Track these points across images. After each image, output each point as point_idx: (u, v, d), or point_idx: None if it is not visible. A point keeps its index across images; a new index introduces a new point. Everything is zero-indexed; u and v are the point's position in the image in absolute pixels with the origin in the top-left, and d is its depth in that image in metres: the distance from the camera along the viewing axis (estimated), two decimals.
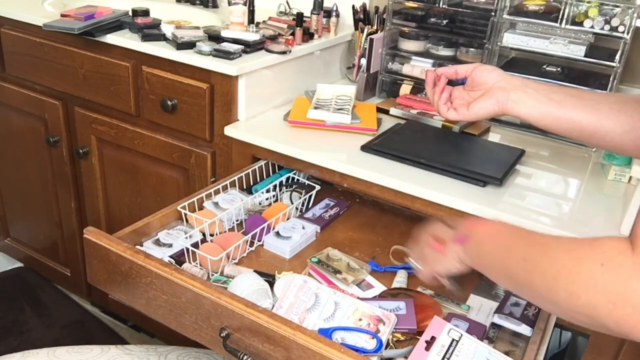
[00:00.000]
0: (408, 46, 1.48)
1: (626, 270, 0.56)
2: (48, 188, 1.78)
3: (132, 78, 1.40)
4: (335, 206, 1.24)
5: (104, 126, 1.53)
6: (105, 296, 1.74)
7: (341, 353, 0.69)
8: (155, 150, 1.45)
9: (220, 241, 1.03)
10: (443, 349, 0.77)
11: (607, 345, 0.99)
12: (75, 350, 1.07)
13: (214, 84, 1.28)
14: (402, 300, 0.92)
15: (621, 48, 1.22)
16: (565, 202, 1.05)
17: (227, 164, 1.33)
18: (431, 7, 1.41)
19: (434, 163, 1.10)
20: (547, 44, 1.29)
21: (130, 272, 0.85)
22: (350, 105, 1.31)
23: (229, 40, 1.31)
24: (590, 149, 1.27)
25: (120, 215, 1.64)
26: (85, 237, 0.89)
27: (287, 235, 1.08)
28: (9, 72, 1.68)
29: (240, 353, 0.76)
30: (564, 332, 1.39)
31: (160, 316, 0.86)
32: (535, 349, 0.83)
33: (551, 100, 0.91)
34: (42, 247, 1.95)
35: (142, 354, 1.07)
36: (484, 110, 0.96)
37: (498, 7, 1.32)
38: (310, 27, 1.46)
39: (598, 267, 0.58)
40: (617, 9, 1.20)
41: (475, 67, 0.99)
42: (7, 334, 1.84)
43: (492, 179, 1.06)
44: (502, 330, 0.89)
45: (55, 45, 1.51)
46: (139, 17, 1.41)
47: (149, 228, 1.02)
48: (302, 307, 0.84)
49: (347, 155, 1.16)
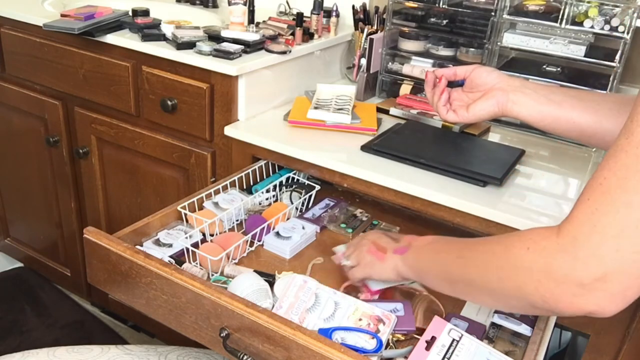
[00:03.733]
0: (408, 46, 1.48)
1: (549, 250, 0.60)
2: (48, 188, 1.78)
3: (132, 78, 1.40)
4: (335, 206, 1.24)
5: (104, 126, 1.53)
6: (105, 296, 1.74)
7: (341, 353, 0.69)
8: (155, 150, 1.45)
9: (220, 241, 1.03)
10: (443, 348, 0.77)
11: (607, 346, 0.99)
12: (75, 350, 1.06)
13: (214, 84, 1.28)
14: (399, 301, 0.92)
15: (621, 48, 1.22)
16: (565, 202, 1.05)
17: (227, 164, 1.33)
18: (431, 7, 1.41)
19: (434, 163, 1.10)
20: (547, 44, 1.29)
21: (130, 272, 0.85)
22: (350, 105, 1.31)
23: (229, 40, 1.31)
24: (590, 149, 1.27)
25: (120, 215, 1.64)
26: (85, 237, 0.89)
27: (287, 235, 1.08)
28: (9, 72, 1.68)
29: (240, 353, 0.76)
30: (564, 332, 1.39)
31: (160, 316, 0.86)
32: (535, 349, 0.83)
33: (551, 101, 0.91)
34: (42, 247, 1.95)
35: (142, 354, 1.07)
36: (483, 112, 0.96)
37: (498, 7, 1.32)
38: (310, 27, 1.46)
39: (524, 251, 0.63)
40: (617, 9, 1.20)
41: (474, 68, 0.99)
42: (7, 334, 1.84)
43: (492, 179, 1.06)
44: (502, 330, 0.89)
45: (55, 45, 1.51)
46: (139, 17, 1.41)
47: (149, 228, 1.02)
48: (302, 307, 0.84)
49: (347, 155, 1.16)
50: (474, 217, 1.01)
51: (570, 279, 0.58)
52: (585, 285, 0.57)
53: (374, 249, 0.91)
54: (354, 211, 1.24)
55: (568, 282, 0.58)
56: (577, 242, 0.58)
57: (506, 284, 0.65)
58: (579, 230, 0.58)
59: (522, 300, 0.64)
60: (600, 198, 0.57)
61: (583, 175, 1.17)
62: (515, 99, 0.93)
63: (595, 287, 0.57)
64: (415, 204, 1.07)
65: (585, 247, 0.57)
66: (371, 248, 0.91)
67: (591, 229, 0.57)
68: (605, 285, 0.56)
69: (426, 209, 1.06)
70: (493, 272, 0.67)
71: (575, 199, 1.08)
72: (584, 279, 0.57)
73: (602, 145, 0.91)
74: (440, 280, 0.79)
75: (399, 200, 1.09)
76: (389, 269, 0.88)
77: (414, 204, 1.08)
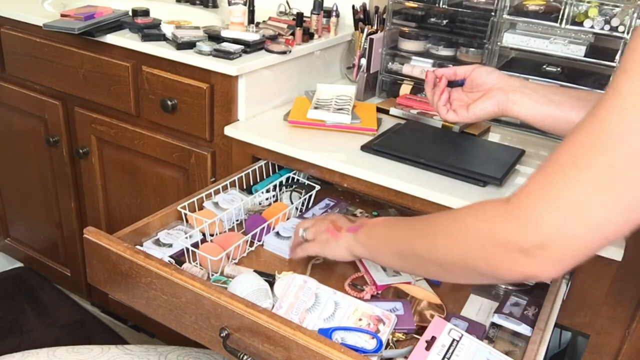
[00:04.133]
0: (408, 46, 1.48)
1: (496, 217, 0.62)
2: (48, 188, 1.78)
3: (132, 78, 1.40)
4: (335, 206, 1.24)
5: (104, 126, 1.53)
6: (105, 296, 1.74)
7: (341, 353, 0.69)
8: (155, 150, 1.45)
9: (220, 241, 1.03)
10: (443, 348, 0.77)
11: (607, 346, 0.99)
12: (75, 350, 1.06)
13: (214, 84, 1.28)
14: (399, 301, 0.92)
15: (621, 48, 1.22)
16: None
17: (227, 164, 1.33)
18: (431, 7, 1.41)
19: (434, 163, 1.10)
20: (547, 44, 1.29)
21: (130, 272, 0.85)
22: (350, 105, 1.31)
23: (229, 40, 1.31)
24: None
25: (120, 215, 1.64)
26: (85, 237, 0.89)
27: (287, 235, 1.08)
28: (9, 72, 1.68)
29: (240, 353, 0.76)
30: (564, 332, 1.39)
31: (160, 316, 0.86)
32: (535, 349, 0.83)
33: (550, 101, 0.91)
34: (42, 247, 1.95)
35: (142, 354, 1.07)
36: (483, 112, 0.96)
37: (498, 7, 1.32)
38: (310, 27, 1.46)
39: (472, 218, 0.66)
40: (617, 9, 1.20)
41: (474, 68, 0.99)
42: (7, 334, 1.84)
43: (492, 179, 1.06)
44: (502, 330, 0.89)
45: (55, 45, 1.51)
46: (139, 17, 1.41)
47: (149, 228, 1.02)
48: (302, 307, 0.84)
49: (347, 155, 1.16)
50: None
51: (512, 244, 0.60)
52: (526, 250, 0.59)
53: (332, 227, 0.92)
54: (354, 211, 1.24)
55: (510, 247, 0.60)
56: (522, 209, 0.60)
57: (453, 251, 0.68)
58: (526, 198, 0.60)
59: (468, 268, 0.67)
60: (553, 171, 0.59)
61: None
62: (516, 99, 0.93)
63: (535, 253, 0.59)
64: (415, 204, 1.07)
65: (529, 215, 0.59)
66: (329, 227, 0.93)
67: (537, 198, 0.59)
68: (544, 252, 0.58)
69: (426, 209, 1.06)
70: (441, 242, 0.70)
71: None
72: (525, 244, 0.59)
73: None
74: (391, 255, 0.80)
75: (399, 200, 1.09)
76: (342, 247, 0.89)
77: (414, 204, 1.07)
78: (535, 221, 0.58)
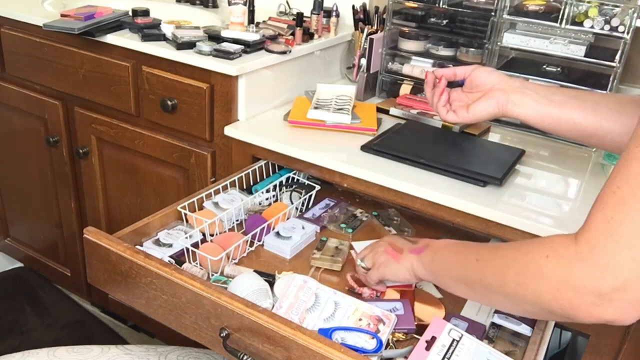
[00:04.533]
0: (408, 46, 1.48)
1: (568, 259, 0.60)
2: (48, 188, 1.78)
3: (132, 78, 1.40)
4: (335, 206, 1.24)
5: (104, 126, 1.53)
6: (105, 296, 1.74)
7: (341, 353, 0.69)
8: (155, 150, 1.45)
9: (220, 241, 1.03)
10: (443, 348, 0.77)
11: (607, 346, 0.99)
12: (75, 350, 1.07)
13: (214, 84, 1.28)
14: (398, 300, 0.92)
15: (621, 48, 1.22)
16: (566, 202, 1.05)
17: (227, 164, 1.33)
18: (431, 7, 1.41)
19: (434, 163, 1.10)
20: (547, 44, 1.29)
21: (130, 272, 0.85)
22: (350, 105, 1.31)
23: (229, 40, 1.31)
24: (590, 149, 1.27)
25: (120, 215, 1.64)
26: (85, 237, 0.89)
27: (287, 235, 1.08)
28: (9, 72, 1.68)
29: (240, 353, 0.76)
30: (564, 332, 1.39)
31: (160, 316, 0.86)
32: (535, 349, 0.83)
33: (551, 101, 0.91)
34: (42, 247, 1.95)
35: (142, 354, 1.07)
36: (483, 112, 0.96)
37: (498, 7, 1.32)
38: (310, 27, 1.46)
39: (544, 258, 0.63)
40: (617, 9, 1.20)
41: (474, 68, 0.99)
42: (7, 334, 1.84)
43: (492, 179, 1.06)
44: (502, 330, 0.89)
45: (55, 45, 1.51)
46: (139, 17, 1.41)
47: (149, 228, 1.02)
48: (302, 307, 0.84)
49: (347, 155, 1.16)
50: (474, 217, 1.01)
51: (589, 288, 0.58)
52: (604, 295, 0.57)
53: (390, 249, 0.90)
54: (354, 211, 1.24)
55: (587, 292, 0.58)
56: (594, 251, 0.58)
57: (524, 290, 0.65)
58: (595, 239, 0.58)
59: (540, 306, 0.64)
60: (615, 207, 0.57)
61: (583, 175, 1.17)
62: (516, 100, 0.93)
63: (614, 296, 0.57)
64: (415, 204, 1.07)
65: (602, 256, 0.57)
66: (387, 249, 0.91)
67: (607, 238, 0.57)
68: (624, 295, 0.56)
69: (426, 209, 1.06)
70: (511, 278, 0.67)
71: (575, 199, 1.08)
72: (603, 289, 0.57)
73: (602, 145, 0.90)
74: (456, 281, 0.78)
75: (399, 200, 1.09)
76: (404, 269, 0.87)
77: (414, 204, 1.08)
78: (610, 262, 0.56)
